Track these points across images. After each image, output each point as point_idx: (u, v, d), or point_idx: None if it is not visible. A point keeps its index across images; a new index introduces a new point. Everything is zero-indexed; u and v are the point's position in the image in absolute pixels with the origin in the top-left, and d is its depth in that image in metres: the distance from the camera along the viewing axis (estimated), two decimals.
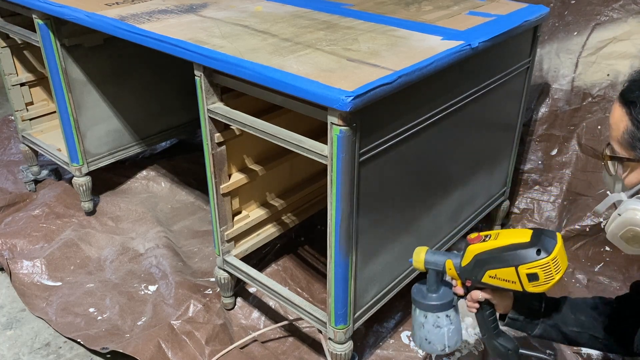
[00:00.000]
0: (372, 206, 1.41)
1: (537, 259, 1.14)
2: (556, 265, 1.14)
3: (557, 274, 1.15)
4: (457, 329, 1.34)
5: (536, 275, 1.15)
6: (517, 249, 1.17)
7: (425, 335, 1.33)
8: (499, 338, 1.31)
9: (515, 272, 1.17)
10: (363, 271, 1.48)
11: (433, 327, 1.32)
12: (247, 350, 1.76)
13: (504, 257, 1.18)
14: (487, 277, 1.21)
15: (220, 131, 1.57)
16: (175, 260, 2.09)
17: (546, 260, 1.14)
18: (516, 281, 1.18)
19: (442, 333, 1.32)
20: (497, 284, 1.21)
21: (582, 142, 2.16)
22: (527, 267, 1.15)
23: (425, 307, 1.32)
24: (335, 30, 1.59)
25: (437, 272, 1.29)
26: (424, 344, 1.35)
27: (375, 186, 1.39)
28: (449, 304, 1.30)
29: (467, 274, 1.25)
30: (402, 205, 1.55)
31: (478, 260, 1.22)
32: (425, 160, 1.56)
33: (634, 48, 2.05)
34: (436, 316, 1.31)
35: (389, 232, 1.53)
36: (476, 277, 1.23)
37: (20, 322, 1.93)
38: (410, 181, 1.54)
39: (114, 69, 2.24)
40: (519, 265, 1.16)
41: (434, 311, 1.31)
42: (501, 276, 1.19)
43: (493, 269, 1.20)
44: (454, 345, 1.34)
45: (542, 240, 1.16)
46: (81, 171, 2.23)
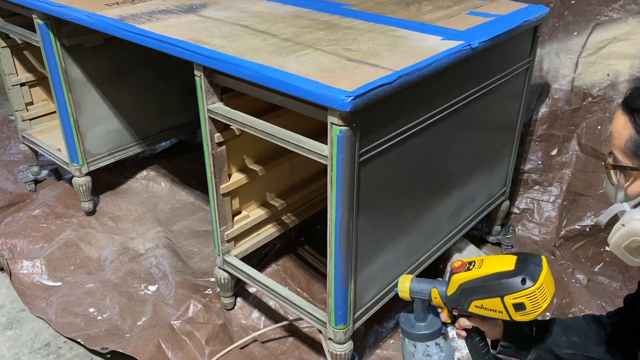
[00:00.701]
0: (372, 206, 1.41)
1: (522, 288, 1.11)
2: (542, 293, 1.11)
3: (544, 302, 1.11)
4: (448, 356, 1.30)
5: (523, 305, 1.12)
6: (502, 277, 1.14)
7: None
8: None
9: (502, 302, 1.14)
10: (363, 271, 1.48)
11: (423, 356, 1.29)
12: (247, 350, 1.76)
13: (489, 287, 1.15)
14: (473, 307, 1.19)
15: (220, 131, 1.57)
16: (175, 260, 2.09)
17: (532, 290, 1.10)
18: (503, 311, 1.15)
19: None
20: (484, 313, 1.18)
21: (582, 142, 2.16)
22: (513, 297, 1.12)
23: (414, 337, 1.29)
24: (335, 30, 1.59)
25: (424, 300, 1.26)
26: None
27: (375, 186, 1.39)
28: (437, 332, 1.27)
29: (453, 303, 1.22)
30: (402, 205, 1.55)
31: (463, 290, 1.19)
32: (425, 160, 1.56)
33: (634, 48, 2.05)
34: (425, 345, 1.28)
35: (389, 232, 1.53)
36: (462, 306, 1.20)
37: (20, 322, 1.93)
38: (410, 181, 1.54)
39: (114, 69, 2.24)
40: (504, 296, 1.13)
41: (423, 340, 1.28)
42: (487, 306, 1.16)
43: (479, 299, 1.17)
44: None
45: (527, 267, 1.13)
46: (81, 171, 2.23)
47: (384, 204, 1.46)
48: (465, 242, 2.02)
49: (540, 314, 1.12)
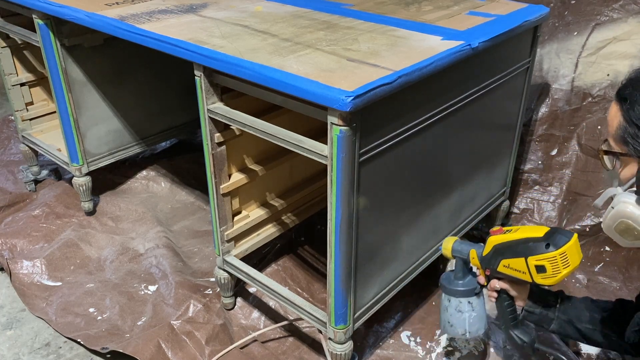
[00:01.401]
0: (372, 206, 1.41)
1: (545, 251, 1.23)
2: (564, 260, 1.21)
3: (564, 269, 1.22)
4: (479, 317, 1.44)
5: (544, 267, 1.24)
6: (529, 241, 1.26)
7: (448, 319, 1.46)
8: (516, 329, 1.39)
9: (525, 263, 1.26)
10: (363, 271, 1.48)
11: (455, 311, 1.44)
12: (247, 350, 1.76)
13: (516, 249, 1.28)
14: (501, 266, 1.32)
15: (220, 131, 1.57)
16: (175, 260, 2.09)
17: (553, 254, 1.21)
18: (526, 272, 1.27)
19: (464, 318, 1.44)
20: (509, 273, 1.31)
21: (582, 142, 2.16)
22: (535, 258, 1.24)
23: (449, 292, 1.45)
24: (335, 30, 1.59)
25: (464, 260, 1.41)
26: (447, 326, 1.47)
27: (375, 186, 1.39)
28: (471, 291, 1.42)
29: (486, 263, 1.36)
30: (402, 205, 1.55)
31: (496, 250, 1.32)
32: (425, 160, 1.56)
33: (634, 48, 2.05)
34: (458, 301, 1.43)
35: (389, 232, 1.53)
36: (493, 266, 1.34)
37: (20, 322, 1.93)
38: (410, 181, 1.54)
39: (114, 69, 2.24)
40: (528, 257, 1.25)
41: (456, 296, 1.43)
42: (513, 266, 1.29)
43: (506, 258, 1.30)
44: (475, 332, 1.45)
45: (554, 236, 1.24)
46: (81, 171, 2.23)
47: (384, 204, 1.46)
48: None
49: (560, 280, 1.23)
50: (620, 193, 1.10)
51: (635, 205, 1.06)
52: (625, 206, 1.06)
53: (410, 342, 1.80)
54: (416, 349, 1.77)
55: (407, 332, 1.83)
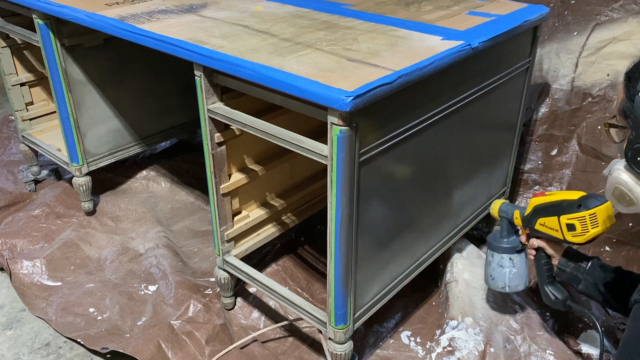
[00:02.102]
0: (372, 206, 1.41)
1: (575, 211, 1.38)
2: (593, 220, 1.35)
3: (592, 228, 1.36)
4: (519, 274, 1.61)
5: (574, 226, 1.38)
6: (564, 203, 1.41)
7: (491, 272, 1.65)
8: (550, 286, 1.53)
9: (558, 221, 1.41)
10: (363, 271, 1.48)
11: (497, 265, 1.62)
12: (247, 350, 1.76)
13: (552, 209, 1.44)
14: (538, 225, 1.48)
15: (220, 131, 1.57)
16: (175, 260, 2.09)
17: (583, 214, 1.36)
18: (558, 230, 1.42)
19: (504, 273, 1.62)
20: (545, 231, 1.47)
21: (582, 142, 2.16)
22: (567, 217, 1.39)
23: (493, 248, 1.63)
24: (335, 30, 1.59)
25: (509, 221, 1.60)
26: (489, 280, 1.66)
27: (375, 186, 1.39)
28: (512, 249, 1.60)
29: (527, 222, 1.53)
30: (402, 205, 1.55)
31: (535, 210, 1.49)
32: (425, 160, 1.56)
33: (634, 48, 2.05)
34: (501, 257, 1.61)
35: (389, 232, 1.53)
36: (532, 224, 1.50)
37: (20, 322, 1.93)
38: (410, 181, 1.54)
39: (114, 69, 2.24)
40: (561, 215, 1.40)
41: (499, 252, 1.61)
42: (548, 224, 1.45)
43: (543, 217, 1.46)
44: (514, 287, 1.63)
45: (587, 199, 1.38)
46: (81, 171, 2.23)
47: (384, 203, 1.46)
48: (465, 242, 2.02)
49: (588, 238, 1.38)
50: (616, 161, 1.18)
51: (624, 171, 1.14)
52: (618, 173, 1.14)
53: (410, 342, 1.80)
54: (416, 349, 1.77)
55: (407, 332, 1.83)
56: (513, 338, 1.72)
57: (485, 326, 1.73)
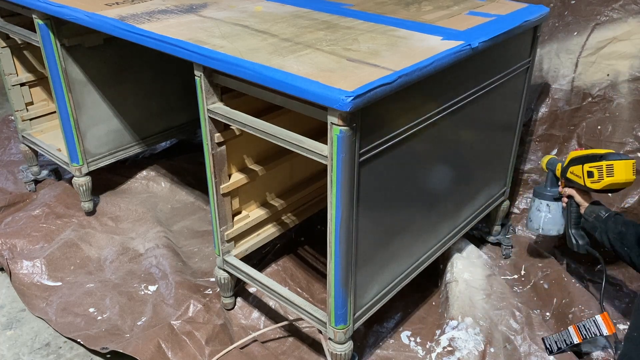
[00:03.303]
0: (372, 206, 1.41)
1: (596, 161, 1.60)
2: (609, 170, 1.57)
3: (607, 177, 1.58)
4: (554, 219, 1.84)
5: (592, 173, 1.61)
6: (591, 155, 1.64)
7: (530, 215, 1.90)
8: (574, 230, 1.74)
9: (582, 168, 1.64)
10: (363, 271, 1.48)
11: (535, 210, 1.88)
12: (247, 350, 1.76)
13: (580, 159, 1.66)
14: (569, 173, 1.71)
15: (220, 131, 1.57)
16: (175, 260, 2.09)
17: (600, 164, 1.59)
18: (581, 176, 1.65)
19: (540, 216, 1.86)
20: (572, 178, 1.69)
21: (582, 142, 2.16)
22: (588, 165, 1.62)
23: (535, 194, 1.88)
24: (335, 30, 1.59)
25: (553, 172, 1.82)
26: (528, 222, 1.92)
27: (375, 186, 1.39)
28: (550, 196, 1.83)
29: (563, 172, 1.75)
30: (402, 205, 1.55)
31: (570, 161, 1.70)
32: (425, 160, 1.56)
33: (634, 48, 2.05)
34: (539, 202, 1.86)
35: (389, 232, 1.53)
36: (565, 174, 1.73)
37: (20, 322, 1.93)
38: (410, 181, 1.54)
39: (114, 69, 2.24)
40: (584, 164, 1.63)
41: (538, 197, 1.87)
42: (574, 172, 1.68)
43: (572, 166, 1.69)
44: (547, 231, 1.86)
45: (609, 154, 1.61)
46: (81, 171, 2.23)
47: (384, 203, 1.46)
48: (465, 242, 2.02)
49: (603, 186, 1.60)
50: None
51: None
52: None
53: (410, 342, 1.80)
54: (416, 349, 1.77)
55: (407, 332, 1.83)
56: (513, 338, 1.72)
57: (485, 326, 1.73)
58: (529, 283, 1.97)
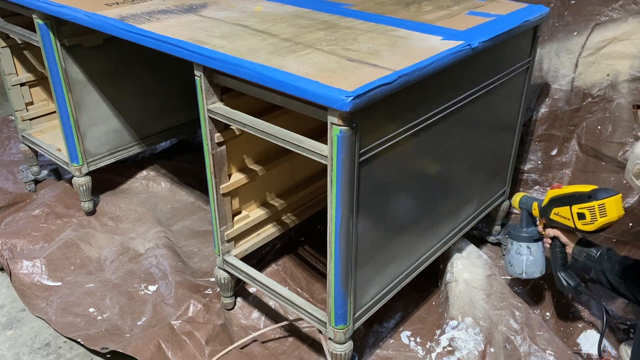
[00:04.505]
0: (372, 206, 1.41)
1: (586, 201, 1.49)
2: (601, 210, 1.46)
3: (601, 218, 1.47)
4: (536, 261, 1.74)
5: (584, 214, 1.50)
6: (576, 194, 1.53)
7: (510, 260, 1.79)
8: (563, 273, 1.65)
9: (570, 210, 1.53)
10: (363, 271, 1.48)
11: (515, 253, 1.77)
12: (247, 350, 1.76)
13: (565, 199, 1.56)
14: (553, 214, 1.60)
15: (220, 131, 1.57)
16: (175, 260, 2.09)
17: (592, 204, 1.48)
18: (570, 218, 1.54)
19: (522, 260, 1.75)
20: (558, 220, 1.58)
21: (582, 142, 2.16)
22: (578, 207, 1.51)
23: (512, 237, 1.78)
24: (335, 30, 1.59)
25: (528, 212, 1.73)
26: (508, 266, 1.80)
27: (375, 186, 1.39)
28: (530, 238, 1.73)
29: (543, 212, 1.65)
30: (402, 205, 1.55)
31: (551, 201, 1.60)
32: (425, 160, 1.56)
33: (634, 48, 2.05)
34: (519, 245, 1.76)
35: (389, 232, 1.53)
36: (547, 215, 1.62)
37: (20, 322, 1.93)
38: (410, 181, 1.54)
39: (114, 69, 2.24)
40: (572, 205, 1.52)
41: (517, 240, 1.76)
42: (561, 213, 1.57)
43: (557, 207, 1.58)
44: (531, 273, 1.75)
45: (597, 191, 1.49)
46: (81, 171, 2.23)
47: (384, 203, 1.46)
48: (465, 242, 2.02)
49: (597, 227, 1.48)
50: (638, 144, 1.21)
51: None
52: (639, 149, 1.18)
53: (410, 342, 1.80)
54: (416, 349, 1.77)
55: (407, 332, 1.83)
56: (513, 338, 1.72)
57: (485, 326, 1.73)
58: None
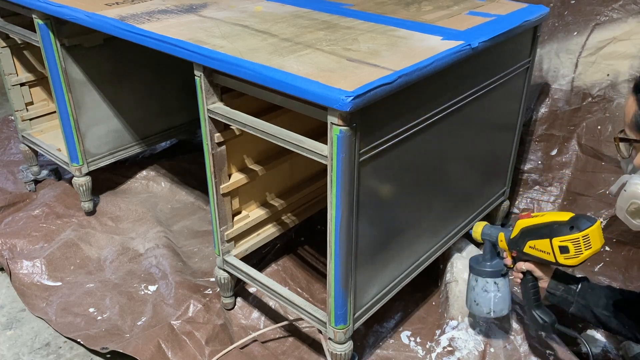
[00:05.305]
0: (372, 206, 1.41)
1: (568, 233, 1.31)
2: (586, 242, 1.30)
3: (586, 250, 1.30)
4: (503, 298, 1.54)
5: (567, 248, 1.32)
6: (554, 224, 1.34)
7: (475, 298, 1.56)
8: (538, 309, 1.47)
9: (550, 243, 1.34)
10: (363, 271, 1.48)
11: (482, 290, 1.54)
12: (247, 350, 1.76)
13: (542, 231, 1.36)
14: (527, 247, 1.40)
15: (220, 131, 1.57)
16: (175, 260, 2.09)
17: (576, 236, 1.30)
18: (550, 252, 1.35)
19: (489, 297, 1.54)
20: (535, 254, 1.39)
21: (582, 142, 2.16)
22: (559, 239, 1.32)
23: (476, 272, 1.55)
24: (335, 30, 1.59)
25: (492, 243, 1.52)
26: (473, 305, 1.57)
27: (375, 186, 1.39)
28: (497, 272, 1.52)
29: (514, 245, 1.44)
30: (402, 205, 1.55)
31: (523, 232, 1.41)
32: (425, 160, 1.56)
33: (634, 48, 2.05)
34: (485, 281, 1.53)
35: (389, 232, 1.53)
36: (520, 247, 1.42)
37: (20, 322, 1.93)
38: (410, 181, 1.54)
39: (114, 69, 2.24)
40: (553, 238, 1.33)
41: (483, 276, 1.53)
42: (539, 247, 1.37)
43: (533, 240, 1.38)
44: (499, 311, 1.55)
45: (578, 220, 1.32)
46: (81, 171, 2.23)
47: (384, 203, 1.46)
48: (465, 242, 2.02)
49: (582, 261, 1.32)
50: (633, 176, 1.15)
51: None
52: (636, 187, 1.11)
53: (410, 342, 1.80)
54: (416, 349, 1.77)
55: (407, 332, 1.83)
56: (513, 338, 1.72)
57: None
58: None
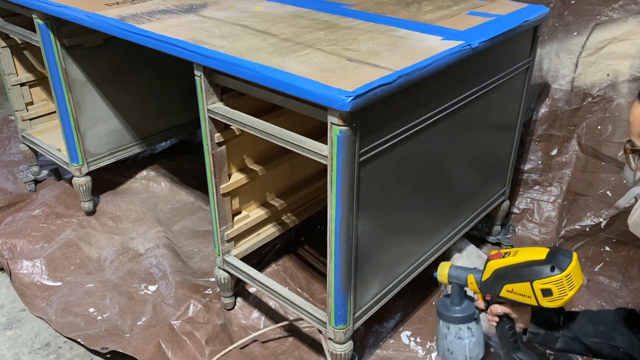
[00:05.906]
0: (372, 206, 1.41)
1: (550, 275, 1.20)
2: (570, 282, 1.20)
3: (570, 290, 1.20)
4: (478, 341, 1.40)
5: (550, 290, 1.21)
6: (532, 265, 1.23)
7: (448, 346, 1.40)
8: (518, 352, 1.36)
9: (531, 287, 1.23)
10: (363, 271, 1.48)
11: (455, 338, 1.39)
12: (247, 350, 1.76)
13: (520, 273, 1.24)
14: (504, 292, 1.28)
15: (220, 131, 1.57)
16: (175, 260, 2.09)
17: (559, 277, 1.20)
18: (531, 296, 1.24)
19: (464, 344, 1.39)
20: (514, 298, 1.27)
21: (582, 142, 2.16)
22: (541, 282, 1.21)
23: (448, 319, 1.39)
24: (335, 30, 1.59)
25: (460, 286, 1.37)
26: (447, 354, 1.42)
27: (375, 186, 1.39)
28: (470, 316, 1.38)
29: (487, 288, 1.32)
30: (402, 205, 1.55)
31: (497, 275, 1.29)
32: (425, 160, 1.56)
33: (634, 48, 2.05)
34: (458, 328, 1.39)
35: (389, 232, 1.53)
36: (495, 291, 1.30)
37: (20, 322, 1.93)
38: (410, 181, 1.54)
39: (114, 69, 2.24)
40: (534, 281, 1.22)
41: (456, 323, 1.39)
42: (518, 291, 1.26)
43: (510, 283, 1.26)
44: (475, 357, 1.40)
45: (557, 258, 1.22)
46: (81, 171, 2.23)
47: (384, 203, 1.46)
48: (465, 242, 2.02)
49: (567, 301, 1.21)
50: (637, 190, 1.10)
51: None
52: None
53: (410, 342, 1.80)
54: (416, 349, 1.77)
55: (407, 332, 1.83)
56: None
57: (486, 326, 1.73)
58: None
